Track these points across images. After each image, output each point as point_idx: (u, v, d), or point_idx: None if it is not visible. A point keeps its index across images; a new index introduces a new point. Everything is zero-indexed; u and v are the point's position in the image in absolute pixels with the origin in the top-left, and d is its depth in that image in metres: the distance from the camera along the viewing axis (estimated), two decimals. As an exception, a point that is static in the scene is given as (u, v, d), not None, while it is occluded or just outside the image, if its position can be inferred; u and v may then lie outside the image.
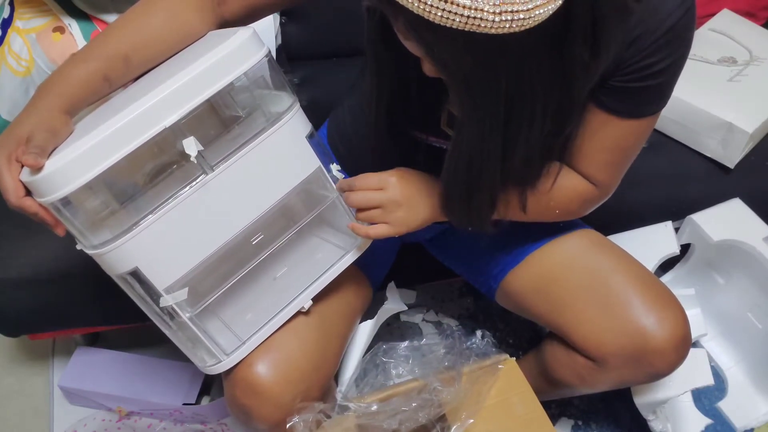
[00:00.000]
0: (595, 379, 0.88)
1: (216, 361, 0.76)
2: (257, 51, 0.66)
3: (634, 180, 1.19)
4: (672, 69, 0.71)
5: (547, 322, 0.91)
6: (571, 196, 0.80)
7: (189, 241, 0.67)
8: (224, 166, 0.67)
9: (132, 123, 0.60)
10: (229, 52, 0.64)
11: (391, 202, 0.76)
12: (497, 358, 0.89)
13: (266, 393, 0.76)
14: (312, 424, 0.77)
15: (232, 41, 0.65)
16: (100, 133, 0.60)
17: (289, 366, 0.77)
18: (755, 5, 1.41)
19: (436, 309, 1.41)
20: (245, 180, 0.69)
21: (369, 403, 0.80)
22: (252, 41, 0.66)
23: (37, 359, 1.34)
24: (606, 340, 0.83)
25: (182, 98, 0.62)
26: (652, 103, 0.74)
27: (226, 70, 0.64)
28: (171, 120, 0.62)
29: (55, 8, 1.04)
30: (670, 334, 0.81)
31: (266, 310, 0.78)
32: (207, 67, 0.63)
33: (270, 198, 0.72)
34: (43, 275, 1.03)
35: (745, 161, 1.20)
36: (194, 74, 0.63)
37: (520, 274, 0.92)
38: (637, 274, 0.85)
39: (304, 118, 0.74)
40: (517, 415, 0.84)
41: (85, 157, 0.59)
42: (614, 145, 0.77)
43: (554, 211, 0.81)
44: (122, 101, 0.66)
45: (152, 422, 1.21)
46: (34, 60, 1.03)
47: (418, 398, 0.80)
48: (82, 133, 0.62)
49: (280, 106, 0.71)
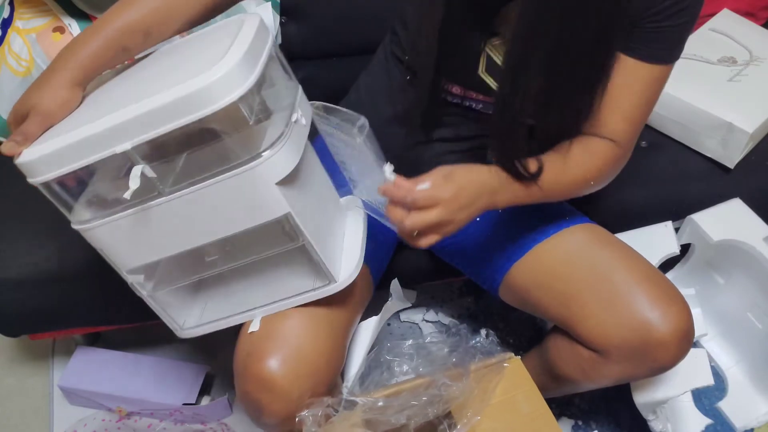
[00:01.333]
0: (598, 373, 0.88)
1: (176, 329, 0.84)
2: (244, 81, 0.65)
3: (634, 180, 1.20)
4: (695, 6, 0.76)
5: (551, 315, 0.91)
6: (600, 161, 0.82)
7: (147, 241, 0.72)
8: (179, 193, 0.67)
9: (111, 131, 0.62)
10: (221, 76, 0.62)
11: (445, 221, 0.74)
12: (502, 357, 0.89)
13: (278, 388, 0.76)
14: (321, 418, 0.77)
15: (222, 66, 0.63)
16: (81, 132, 0.63)
17: (301, 361, 0.78)
18: (755, 5, 1.41)
19: (436, 309, 1.41)
20: (201, 209, 0.68)
21: (377, 399, 0.80)
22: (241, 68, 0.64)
23: (37, 359, 1.34)
24: (610, 332, 0.84)
25: (166, 115, 0.62)
26: (675, 47, 0.79)
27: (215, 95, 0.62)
28: (135, 142, 0.62)
29: (55, 8, 1.04)
30: (674, 327, 0.82)
31: (226, 308, 0.83)
32: (193, 90, 0.61)
33: (226, 229, 0.71)
34: (43, 275, 1.03)
35: (745, 161, 1.20)
36: (182, 95, 0.61)
37: (524, 267, 0.92)
38: (641, 268, 0.86)
39: (288, 156, 0.68)
40: (522, 413, 0.85)
41: (59, 153, 0.64)
42: (640, 94, 0.80)
43: (588, 181, 0.82)
44: (127, 90, 0.68)
45: (152, 422, 1.21)
46: (34, 60, 1.03)
47: (426, 393, 0.80)
48: (78, 118, 0.66)
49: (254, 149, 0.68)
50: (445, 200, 0.73)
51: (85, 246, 1.04)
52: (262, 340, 0.79)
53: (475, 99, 0.86)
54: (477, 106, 0.87)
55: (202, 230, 0.71)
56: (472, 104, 0.87)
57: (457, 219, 0.75)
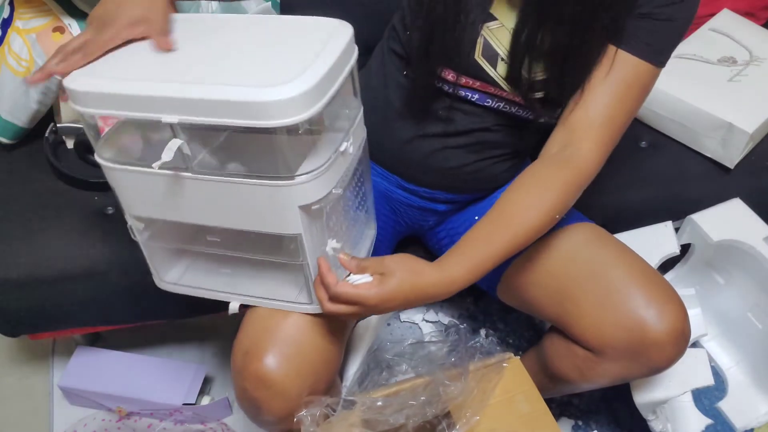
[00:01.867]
0: (594, 373, 0.88)
1: (156, 278, 0.86)
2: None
3: (634, 180, 1.20)
4: (691, 5, 0.77)
5: (548, 314, 0.91)
6: (560, 191, 0.80)
7: (161, 201, 0.72)
8: (205, 177, 0.67)
9: (165, 100, 0.62)
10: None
11: (364, 314, 0.75)
12: (502, 357, 0.89)
13: (277, 386, 0.76)
14: (319, 418, 0.77)
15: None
16: (137, 87, 0.63)
17: (299, 359, 0.78)
18: (755, 5, 1.41)
19: (436, 309, 1.41)
20: (220, 197, 0.69)
21: (376, 398, 0.80)
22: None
23: (37, 359, 1.34)
24: (606, 331, 0.84)
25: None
26: (664, 48, 0.80)
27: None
28: (183, 119, 0.62)
29: (55, 8, 1.04)
30: (670, 327, 0.81)
31: (208, 282, 0.84)
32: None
33: (237, 223, 0.72)
34: (43, 275, 1.03)
35: (745, 161, 1.20)
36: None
37: (522, 267, 0.92)
38: (637, 267, 0.86)
39: (320, 185, 0.67)
40: (521, 413, 0.85)
41: (110, 96, 0.63)
42: (623, 92, 0.80)
43: (552, 218, 0.80)
44: (203, 55, 0.68)
45: (152, 422, 1.21)
46: (34, 60, 1.03)
47: (425, 393, 0.80)
48: (147, 63, 0.66)
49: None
50: (366, 306, 0.72)
51: (85, 246, 1.05)
52: (261, 338, 0.79)
53: (471, 87, 0.86)
54: (472, 97, 0.87)
55: (214, 214, 0.72)
56: (467, 94, 0.86)
57: (377, 312, 0.75)
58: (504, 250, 0.77)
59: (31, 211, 1.07)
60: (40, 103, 1.08)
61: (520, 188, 0.80)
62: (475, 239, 0.78)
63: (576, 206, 0.96)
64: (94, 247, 1.04)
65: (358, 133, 0.74)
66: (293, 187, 0.65)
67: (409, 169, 0.96)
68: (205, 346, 1.35)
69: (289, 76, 0.60)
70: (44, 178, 1.10)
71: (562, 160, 0.81)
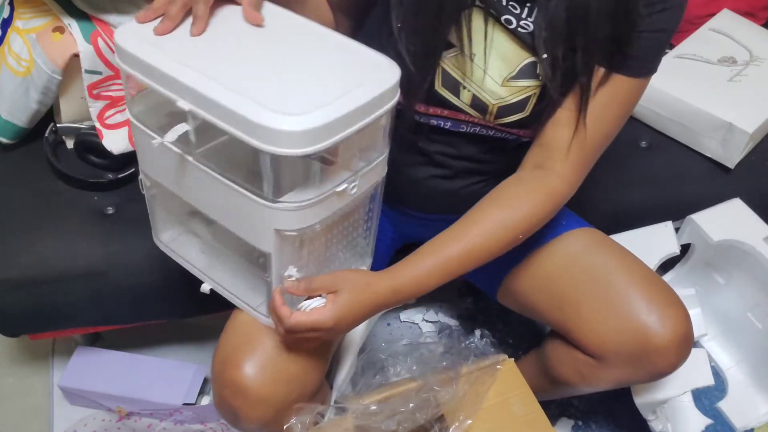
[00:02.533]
0: (596, 378, 0.88)
1: (154, 233, 0.88)
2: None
3: (634, 180, 1.20)
4: (677, 13, 0.73)
5: (549, 319, 0.91)
6: (526, 213, 0.78)
7: (164, 168, 0.74)
8: (201, 165, 0.68)
9: (187, 88, 0.63)
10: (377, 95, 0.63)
11: (323, 338, 0.75)
12: (496, 359, 0.89)
13: (254, 395, 0.76)
14: (309, 425, 0.77)
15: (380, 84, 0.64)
16: (169, 67, 0.63)
17: (276, 367, 0.77)
18: (755, 5, 1.41)
19: (436, 309, 1.41)
20: (211, 188, 0.69)
21: (367, 404, 0.80)
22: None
23: (37, 359, 1.34)
24: (608, 337, 0.83)
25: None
26: (649, 59, 0.76)
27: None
28: (196, 111, 0.63)
29: (55, 8, 1.04)
30: (673, 332, 0.81)
31: (192, 256, 0.86)
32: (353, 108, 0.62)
33: (220, 217, 0.73)
34: (43, 275, 1.03)
35: (745, 161, 1.20)
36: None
37: (522, 272, 0.92)
38: (639, 273, 0.85)
39: (302, 217, 0.67)
40: (516, 416, 0.84)
41: (147, 65, 0.65)
42: (604, 109, 0.76)
43: (515, 237, 0.78)
44: (246, 52, 0.68)
45: (152, 422, 1.21)
46: (34, 60, 1.02)
47: (415, 398, 0.80)
48: (198, 46, 0.67)
49: None
50: (322, 329, 0.71)
51: (85, 246, 1.05)
52: (239, 346, 0.78)
53: (441, 116, 0.84)
54: (445, 125, 0.84)
55: (204, 202, 0.73)
56: (439, 122, 0.84)
57: (335, 334, 0.74)
58: (455, 264, 0.76)
59: (31, 211, 1.07)
60: (40, 103, 1.07)
61: (485, 205, 0.79)
62: (427, 250, 0.77)
63: (576, 207, 0.97)
64: (94, 247, 1.04)
65: (371, 177, 0.72)
66: (273, 210, 0.65)
67: (402, 195, 0.95)
68: (205, 346, 1.35)
69: (303, 107, 0.60)
70: (44, 178, 1.10)
71: (534, 180, 0.79)
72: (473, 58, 0.78)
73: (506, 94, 0.79)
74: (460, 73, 0.79)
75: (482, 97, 0.80)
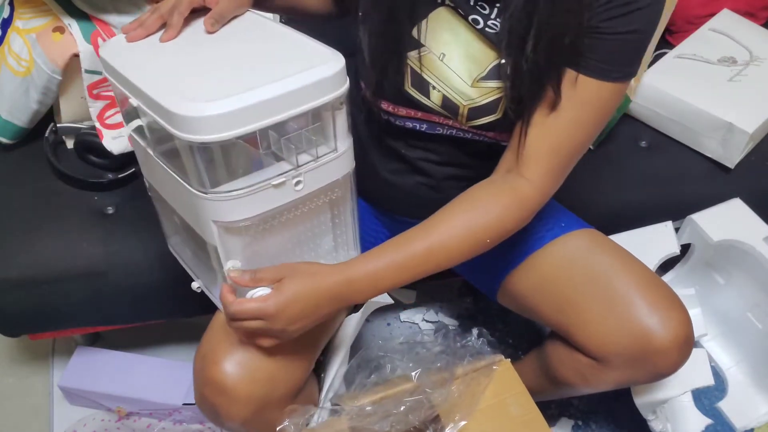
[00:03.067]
0: (598, 379, 0.88)
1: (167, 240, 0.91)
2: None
3: (634, 180, 1.20)
4: (647, 14, 0.69)
5: (550, 321, 0.91)
6: (495, 217, 0.76)
7: (144, 166, 0.80)
8: (156, 159, 0.71)
9: (135, 87, 0.66)
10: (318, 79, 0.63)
11: (272, 331, 0.71)
12: (492, 359, 0.89)
13: (233, 392, 0.76)
14: (302, 427, 0.77)
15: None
16: (131, 70, 0.67)
17: (255, 366, 0.77)
18: (755, 5, 1.41)
19: (436, 309, 1.41)
20: (170, 182, 0.71)
21: (361, 405, 0.80)
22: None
23: (37, 359, 1.34)
24: (609, 339, 0.83)
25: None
26: (620, 63, 0.72)
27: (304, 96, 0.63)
28: (140, 106, 0.66)
29: (55, 8, 1.04)
30: (674, 334, 0.81)
31: (180, 251, 0.89)
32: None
33: (181, 210, 0.74)
34: (43, 275, 1.03)
35: (745, 161, 1.20)
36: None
37: (522, 273, 0.92)
38: (640, 274, 0.85)
39: (238, 208, 0.66)
40: (512, 417, 0.84)
41: (111, 69, 0.70)
42: (575, 116, 0.73)
43: (483, 240, 0.76)
44: (194, 55, 0.70)
45: (152, 422, 1.21)
46: (34, 60, 1.02)
47: (409, 400, 0.80)
48: (167, 51, 0.71)
49: None
50: (266, 316, 0.69)
51: (85, 246, 1.05)
52: (219, 343, 0.78)
53: (415, 118, 0.83)
54: (420, 127, 0.84)
55: (170, 195, 0.75)
56: (414, 125, 0.83)
57: (289, 330, 0.71)
58: (415, 263, 0.73)
59: (31, 211, 1.07)
60: (40, 103, 1.08)
61: (452, 206, 0.76)
62: (388, 246, 0.74)
63: (576, 207, 0.97)
64: (94, 247, 1.04)
65: (322, 175, 0.70)
66: (206, 201, 0.65)
67: (391, 203, 0.95)
68: (205, 346, 1.35)
69: (219, 95, 0.60)
70: (44, 178, 1.10)
71: (504, 184, 0.77)
72: (442, 58, 0.77)
73: (476, 95, 0.77)
74: (429, 73, 0.78)
75: (452, 98, 0.78)
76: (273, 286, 0.70)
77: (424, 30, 0.76)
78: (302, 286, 0.70)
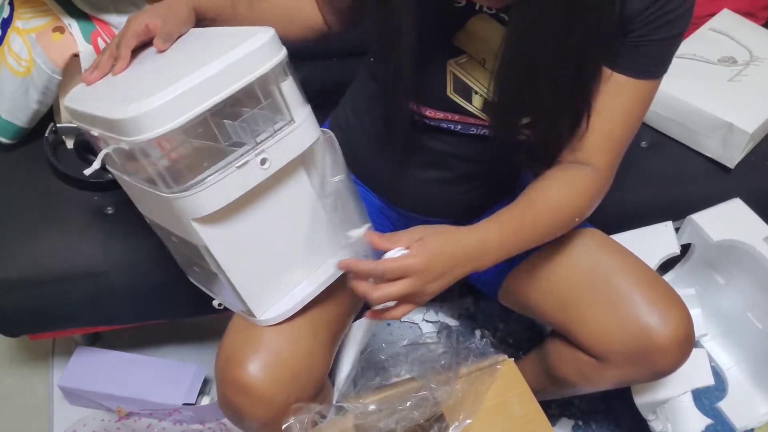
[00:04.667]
0: (598, 377, 0.88)
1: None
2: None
3: (634, 180, 1.19)
4: (685, 17, 0.73)
5: (551, 320, 0.91)
6: (583, 197, 0.80)
7: (132, 197, 0.82)
8: (129, 179, 0.74)
9: (82, 114, 0.70)
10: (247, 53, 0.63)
11: (416, 292, 0.71)
12: (495, 359, 0.89)
13: (257, 393, 0.76)
14: (308, 425, 0.77)
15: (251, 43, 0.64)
16: (85, 101, 0.70)
17: (279, 366, 0.77)
18: (755, 5, 1.41)
19: (436, 309, 1.41)
20: (150, 200, 0.72)
21: (366, 404, 0.80)
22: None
23: (37, 359, 1.34)
24: (610, 338, 0.83)
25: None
26: (663, 62, 0.77)
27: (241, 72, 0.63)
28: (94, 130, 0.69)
29: (55, 8, 1.04)
30: (674, 332, 0.81)
31: (198, 277, 0.88)
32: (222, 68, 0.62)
33: (168, 225, 0.76)
34: (43, 275, 1.03)
35: (745, 161, 1.20)
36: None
37: (524, 272, 0.92)
38: (641, 273, 0.85)
39: (212, 198, 0.66)
40: (515, 416, 0.84)
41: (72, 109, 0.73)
42: (626, 114, 0.78)
43: (573, 218, 0.81)
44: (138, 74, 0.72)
45: (152, 422, 1.21)
46: (34, 60, 1.02)
47: (414, 398, 0.80)
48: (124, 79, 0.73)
49: None
50: (415, 271, 0.69)
51: (85, 246, 1.05)
52: (242, 345, 0.79)
53: (452, 120, 0.84)
54: (456, 128, 0.84)
55: (156, 214, 0.76)
56: (450, 126, 0.84)
57: (430, 290, 0.71)
58: (537, 223, 0.77)
59: (31, 211, 1.07)
60: (40, 103, 1.07)
61: (550, 181, 0.80)
62: (510, 210, 0.77)
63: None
64: (94, 247, 1.04)
65: (287, 150, 0.69)
66: (179, 200, 0.65)
67: (402, 197, 0.95)
68: (205, 346, 1.35)
69: (155, 91, 0.60)
70: (44, 178, 1.10)
71: (580, 170, 0.80)
72: (483, 63, 0.78)
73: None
74: (471, 78, 0.79)
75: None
76: (411, 246, 0.70)
77: (464, 37, 0.78)
78: (445, 240, 0.71)
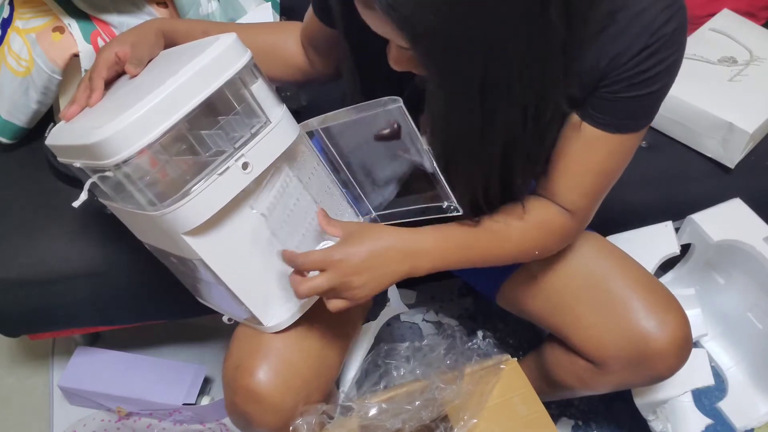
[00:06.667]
0: (596, 382, 0.88)
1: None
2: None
3: (634, 180, 1.19)
4: (666, 75, 0.69)
5: (548, 324, 0.91)
6: (550, 229, 0.78)
7: (127, 224, 0.82)
8: (115, 204, 0.74)
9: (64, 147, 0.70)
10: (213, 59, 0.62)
11: (338, 282, 0.68)
12: (499, 359, 0.89)
13: (267, 400, 0.76)
14: (315, 426, 0.77)
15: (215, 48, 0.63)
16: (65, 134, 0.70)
17: (290, 373, 0.77)
18: (755, 5, 1.41)
19: (436, 309, 1.41)
20: (138, 220, 0.72)
21: (372, 404, 0.80)
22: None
23: (37, 359, 1.34)
24: (607, 343, 0.83)
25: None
26: (643, 116, 0.73)
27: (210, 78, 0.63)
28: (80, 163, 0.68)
29: (55, 8, 1.04)
30: (672, 337, 0.81)
31: (206, 293, 0.87)
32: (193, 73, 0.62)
33: (163, 245, 0.76)
34: (43, 275, 1.03)
35: (745, 161, 1.20)
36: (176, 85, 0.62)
37: (521, 277, 0.92)
38: (638, 277, 0.85)
39: (198, 209, 0.65)
40: (519, 416, 0.84)
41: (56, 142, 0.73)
42: (601, 165, 0.74)
43: (533, 251, 0.78)
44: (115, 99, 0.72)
45: (152, 422, 1.21)
46: (34, 60, 1.02)
47: (420, 397, 0.80)
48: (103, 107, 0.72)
49: None
50: (330, 263, 0.67)
51: (85, 246, 1.05)
52: (251, 352, 0.78)
53: None
54: None
55: (150, 237, 0.76)
56: None
57: (356, 283, 0.68)
58: (480, 260, 0.75)
59: (30, 211, 1.07)
60: (40, 103, 1.08)
61: (509, 211, 0.76)
62: (455, 228, 0.74)
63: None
64: (94, 247, 1.04)
65: (269, 148, 0.68)
66: (167, 216, 0.64)
67: None
68: (205, 346, 1.35)
69: (121, 112, 0.60)
70: (44, 178, 1.10)
71: (550, 207, 0.78)
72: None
73: None
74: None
75: None
76: (343, 237, 0.70)
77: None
78: (368, 234, 0.70)
